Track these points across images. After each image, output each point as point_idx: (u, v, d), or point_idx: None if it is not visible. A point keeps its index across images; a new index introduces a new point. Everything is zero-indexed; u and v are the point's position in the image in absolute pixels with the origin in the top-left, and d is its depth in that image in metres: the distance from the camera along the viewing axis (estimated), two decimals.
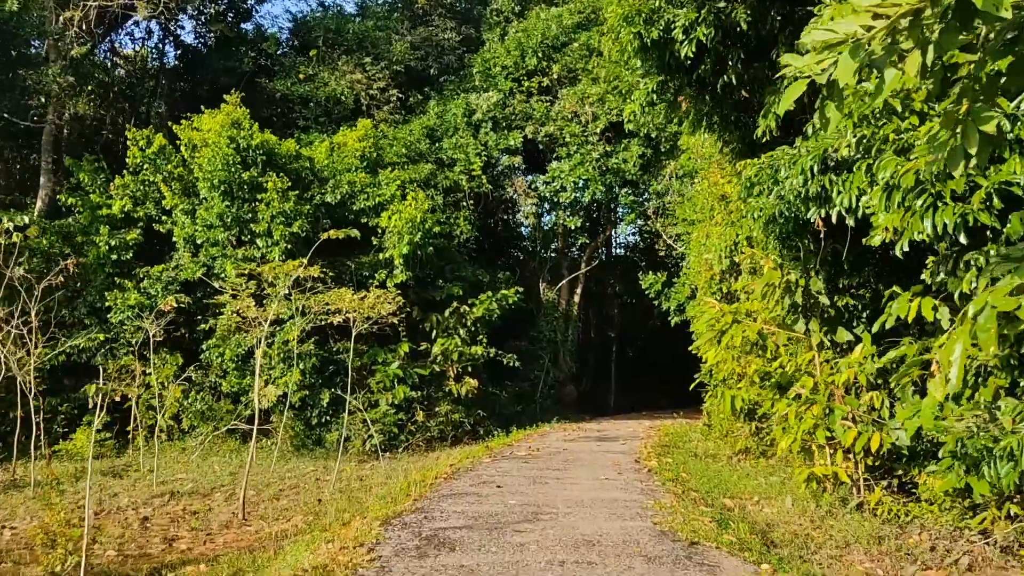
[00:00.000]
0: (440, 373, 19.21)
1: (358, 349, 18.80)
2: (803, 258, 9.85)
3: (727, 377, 15.79)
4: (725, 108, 8.74)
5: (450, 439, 18.93)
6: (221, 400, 18.02)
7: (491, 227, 25.96)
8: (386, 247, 18.25)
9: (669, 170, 24.27)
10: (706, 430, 18.02)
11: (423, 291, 19.90)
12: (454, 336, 19.47)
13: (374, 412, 17.71)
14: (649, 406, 34.05)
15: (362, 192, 18.23)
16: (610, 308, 33.22)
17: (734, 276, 18.94)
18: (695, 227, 21.77)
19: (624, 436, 17.64)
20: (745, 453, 14.59)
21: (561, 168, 23.35)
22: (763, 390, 12.85)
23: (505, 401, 21.51)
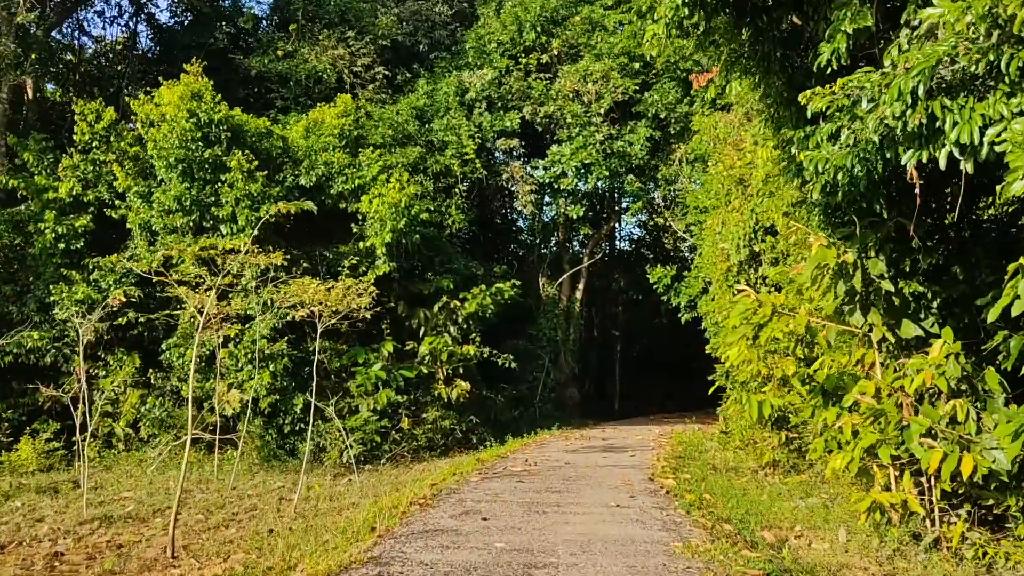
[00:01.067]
0: (428, 375, 17.44)
1: (337, 349, 17.07)
2: (858, 235, 8.07)
3: (750, 379, 14.06)
4: (767, 44, 7.01)
5: (439, 448, 17.17)
6: (182, 406, 16.22)
7: (486, 217, 24.21)
8: (367, 235, 16.48)
9: (679, 154, 22.53)
10: (723, 438, 16.28)
11: (410, 284, 18.13)
12: (444, 334, 17.70)
13: (354, 419, 15.95)
14: (656, 409, 32.33)
15: (340, 174, 16.46)
16: (614, 305, 31.45)
17: (754, 267, 17.23)
18: (709, 215, 20.04)
19: (633, 446, 15.86)
20: (773, 467, 12.82)
21: (562, 152, 21.58)
22: (802, 396, 11.12)
23: (501, 406, 19.75)
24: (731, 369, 17.48)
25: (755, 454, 13.92)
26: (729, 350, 14.87)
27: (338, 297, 10.52)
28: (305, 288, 10.59)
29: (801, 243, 10.54)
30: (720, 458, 14.72)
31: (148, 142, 15.28)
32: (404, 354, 17.76)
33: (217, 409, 15.76)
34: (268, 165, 16.15)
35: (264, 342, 15.55)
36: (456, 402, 17.41)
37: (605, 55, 22.05)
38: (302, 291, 10.55)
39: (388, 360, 17.21)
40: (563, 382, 24.57)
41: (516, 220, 25.83)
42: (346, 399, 16.55)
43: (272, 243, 15.43)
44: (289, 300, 10.96)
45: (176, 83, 15.54)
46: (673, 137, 22.70)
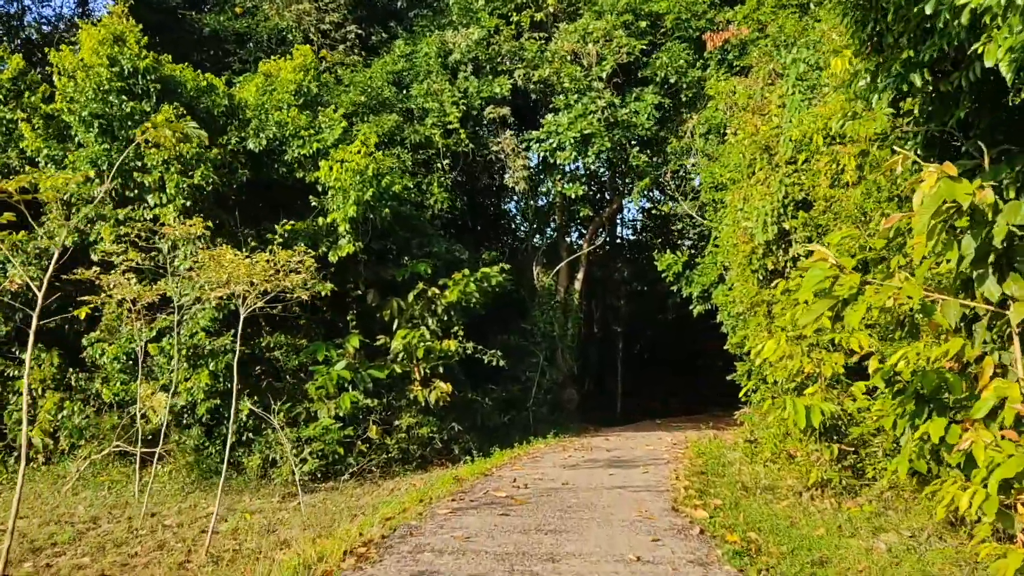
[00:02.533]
0: (402, 375, 15.02)
1: (294, 344, 14.63)
2: (988, 170, 5.66)
3: (788, 379, 11.66)
4: None
5: (415, 461, 14.75)
6: (106, 412, 13.77)
7: (474, 196, 21.73)
8: (329, 209, 14.01)
9: (691, 125, 20.10)
10: (748, 448, 13.86)
11: (381, 269, 15.69)
12: (420, 327, 15.24)
13: (312, 427, 13.50)
14: (662, 411, 29.91)
15: (296, 137, 14.01)
16: (616, 298, 29.01)
17: (783, 247, 14.85)
18: (728, 191, 17.64)
19: (643, 458, 13.43)
20: (821, 488, 10.38)
21: (558, 121, 19.13)
22: (882, 402, 8.78)
23: (489, 410, 17.32)
24: (760, 367, 15.16)
25: (795, 470, 11.52)
26: (757, 343, 12.44)
27: (264, 273, 8.03)
28: (219, 259, 8.10)
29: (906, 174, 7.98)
30: (749, 474, 12.33)
31: (59, 95, 12.79)
32: (374, 351, 15.35)
33: (149, 416, 13.33)
34: (209, 125, 13.67)
35: (203, 335, 13.08)
36: (435, 406, 14.99)
37: (607, 11, 19.60)
38: (215, 264, 8.07)
39: (355, 357, 14.78)
40: (560, 382, 22.13)
41: (507, 200, 23.33)
42: (304, 403, 14.11)
43: (215, 218, 13.00)
44: (210, 278, 8.46)
45: (97, 26, 13.07)
46: (684, 106, 20.27)
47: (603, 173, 22.17)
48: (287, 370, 14.61)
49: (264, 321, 14.92)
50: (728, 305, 18.54)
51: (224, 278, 7.97)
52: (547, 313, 21.41)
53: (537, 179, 20.85)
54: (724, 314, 19.13)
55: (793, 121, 14.29)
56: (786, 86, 16.15)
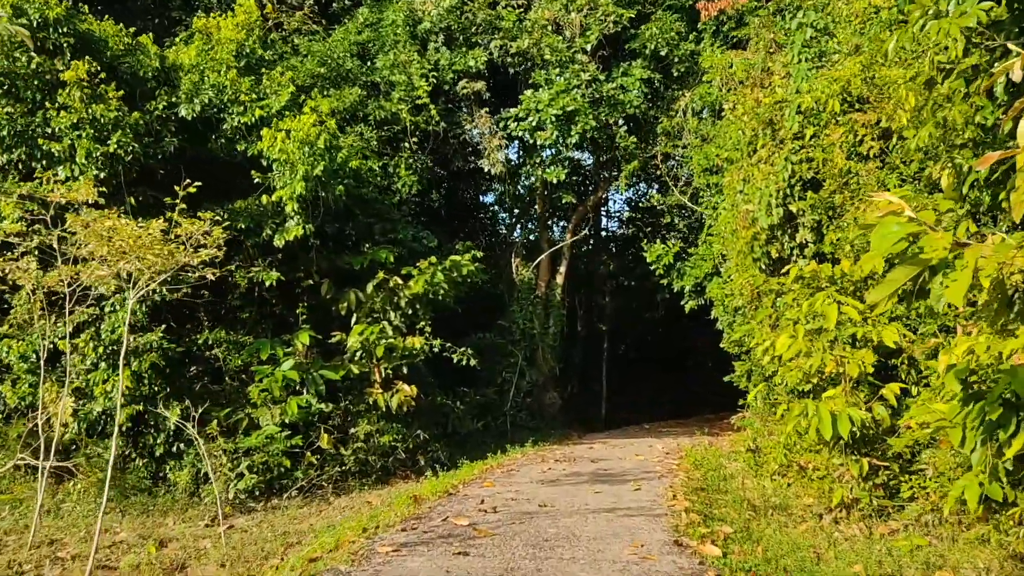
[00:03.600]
0: (361, 376, 13.36)
1: (236, 341, 12.92)
2: None
3: (804, 380, 10.13)
4: None
5: (375, 474, 13.10)
6: (13, 419, 12.02)
7: (447, 182, 20.06)
8: (274, 186, 12.33)
9: (684, 103, 18.56)
10: (751, 458, 12.33)
11: (338, 257, 14.00)
12: (381, 321, 13.58)
13: (255, 436, 11.81)
14: (650, 415, 28.37)
15: (236, 102, 12.33)
16: (601, 295, 27.42)
17: (788, 232, 13.36)
18: (725, 172, 16.14)
19: (633, 471, 11.85)
20: (846, 510, 8.81)
21: (538, 98, 17.52)
22: (918, 408, 7.34)
23: (460, 416, 15.70)
24: (766, 366, 13.63)
25: (812, 487, 9.98)
26: (772, 339, 11.06)
27: (152, 245, 6.34)
28: (98, 231, 6.40)
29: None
30: (755, 490, 10.79)
31: None
32: (330, 349, 13.69)
33: (55, 423, 11.59)
34: (134, 88, 11.97)
35: (123, 330, 11.33)
36: (398, 411, 13.34)
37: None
38: (94, 235, 6.37)
39: (307, 356, 13.11)
40: (541, 384, 20.53)
41: (484, 187, 21.62)
42: (247, 409, 12.41)
43: (138, 195, 11.29)
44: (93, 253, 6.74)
45: None
46: (676, 82, 18.75)
47: (587, 157, 20.56)
48: (228, 371, 12.91)
49: (204, 314, 13.23)
50: (725, 299, 17.05)
51: (104, 252, 6.27)
52: (526, 309, 19.81)
53: (515, 162, 19.23)
54: (719, 309, 17.65)
55: (802, 89, 12.77)
56: (791, 54, 14.64)
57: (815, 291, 10.53)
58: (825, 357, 8.89)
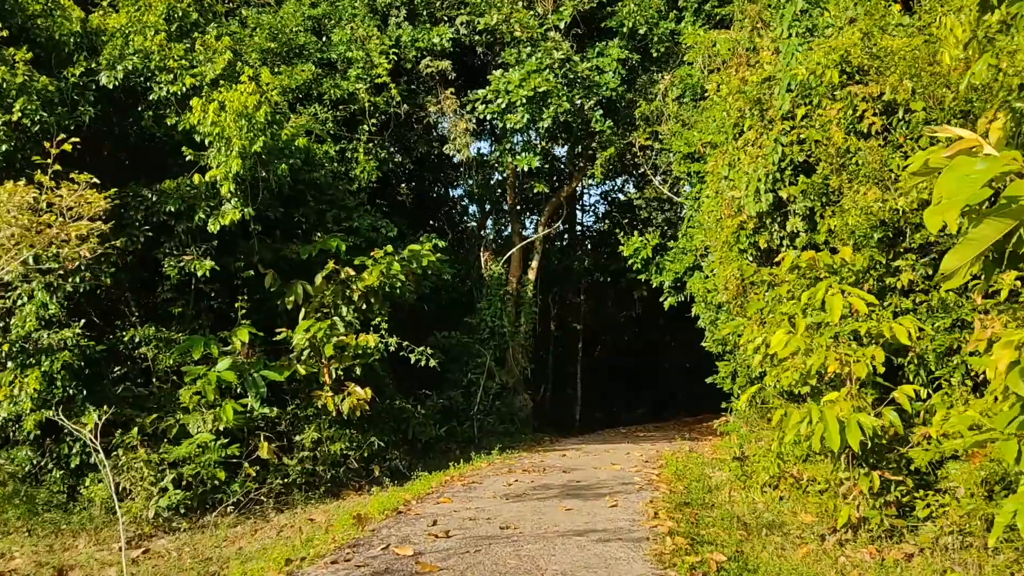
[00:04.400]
0: (308, 378, 12.11)
1: (167, 338, 11.65)
2: None
3: (800, 381, 9.09)
4: None
5: (325, 485, 11.87)
6: None
7: (412, 171, 18.84)
8: (209, 164, 11.06)
9: (664, 86, 17.50)
10: (738, 468, 11.28)
11: (283, 245, 12.76)
12: (332, 317, 12.36)
13: (185, 446, 10.55)
14: (626, 418, 27.39)
15: (165, 70, 11.02)
16: (576, 292, 26.30)
17: (778, 221, 12.38)
18: (709, 157, 15.15)
19: (610, 482, 10.73)
20: (853, 530, 7.74)
21: (508, 78, 16.36)
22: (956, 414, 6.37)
23: (421, 421, 14.45)
24: (755, 366, 12.56)
25: (811, 503, 8.94)
26: (763, 335, 9.97)
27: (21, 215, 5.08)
28: None
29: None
30: (745, 504, 9.77)
31: None
32: (276, 347, 12.44)
33: None
34: (50, 53, 10.65)
35: (33, 324, 10.04)
36: (351, 416, 12.13)
37: None
38: None
39: (250, 355, 11.85)
40: (511, 386, 19.37)
41: (450, 175, 20.37)
42: (178, 414, 11.12)
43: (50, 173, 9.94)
44: None
45: None
46: (655, 63, 17.71)
47: (560, 144, 19.40)
48: (158, 372, 11.61)
49: (132, 308, 11.94)
50: (707, 295, 16.03)
51: None
52: (495, 306, 18.65)
53: (484, 149, 18.09)
54: (700, 306, 16.64)
55: (795, 62, 11.75)
56: (780, 28, 13.65)
57: (813, 281, 9.49)
58: (828, 355, 7.81)
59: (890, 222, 9.42)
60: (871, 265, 9.63)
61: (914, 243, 9.30)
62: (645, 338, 30.93)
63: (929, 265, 9.31)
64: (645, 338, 30.93)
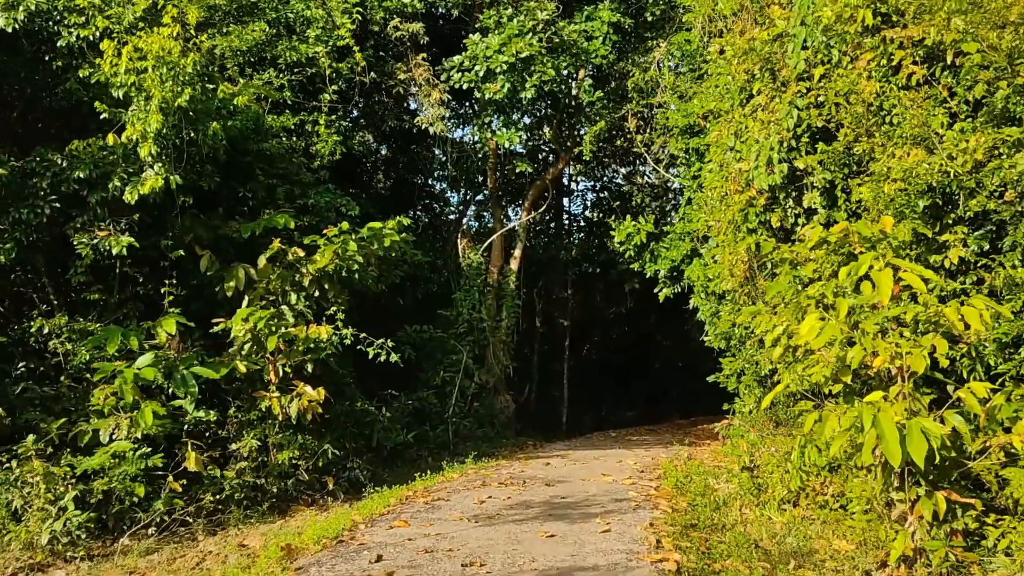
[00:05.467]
0: (251, 376, 10.51)
1: (84, 330, 10.04)
2: None
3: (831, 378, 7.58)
4: None
5: (268, 501, 10.27)
6: None
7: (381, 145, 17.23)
8: (126, 121, 9.43)
9: (659, 54, 15.98)
10: (748, 480, 9.77)
11: (223, 223, 11.14)
12: (280, 305, 10.76)
13: (99, 455, 8.94)
14: (617, 420, 25.87)
15: (74, 11, 9.38)
16: (563, 286, 24.72)
17: (793, 196, 10.94)
18: (712, 127, 13.72)
19: (601, 498, 9.19)
20: (908, 564, 6.21)
21: (487, 43, 14.79)
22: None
23: (388, 425, 12.87)
24: (756, 363, 11.20)
25: (841, 525, 7.44)
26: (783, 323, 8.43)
27: None
28: None
29: None
30: (760, 524, 8.30)
31: None
32: (211, 340, 10.85)
33: None
34: None
35: None
36: (301, 420, 10.52)
37: None
38: None
39: (177, 348, 10.24)
40: (492, 386, 17.81)
41: (425, 154, 18.71)
42: (93, 419, 9.49)
43: None
44: None
45: None
46: (649, 28, 16.22)
47: (546, 119, 17.83)
48: (71, 368, 9.97)
49: (44, 294, 10.31)
50: (708, 284, 14.53)
51: None
52: (473, 297, 17.07)
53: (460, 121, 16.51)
54: (699, 297, 15.16)
55: (816, 4, 10.23)
56: None
57: (846, 259, 7.98)
58: (876, 345, 6.28)
59: (938, 187, 7.92)
60: (913, 240, 8.16)
61: (968, 212, 7.80)
62: (636, 335, 29.42)
63: (985, 238, 7.82)
64: (636, 335, 29.42)
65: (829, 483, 8.81)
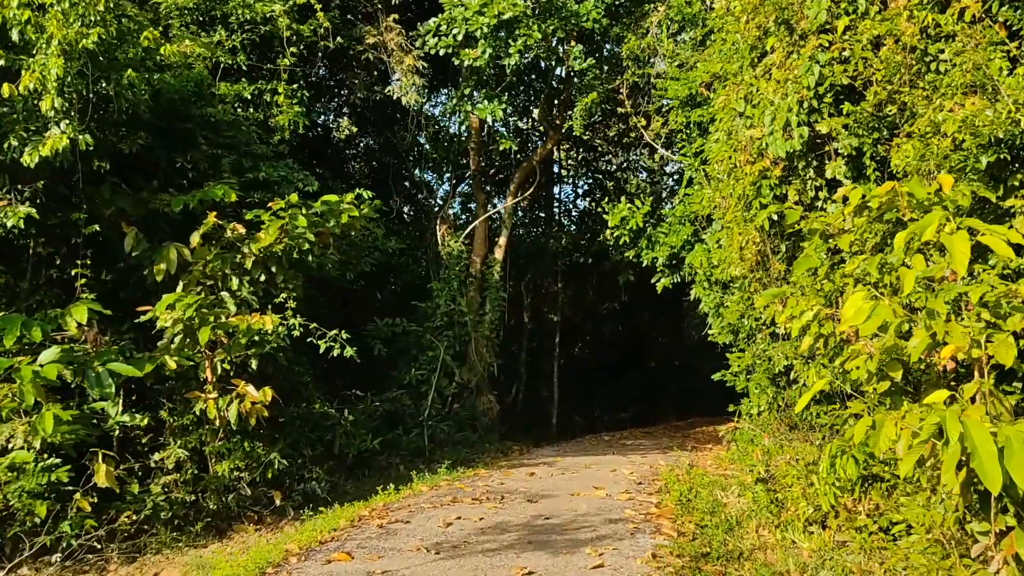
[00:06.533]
0: (186, 374, 9.06)
1: None
2: None
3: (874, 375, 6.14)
4: None
5: (202, 520, 8.82)
6: None
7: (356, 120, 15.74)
8: (22, 67, 7.96)
9: (658, 18, 14.56)
10: (763, 494, 8.36)
11: (153, 196, 9.66)
12: (220, 291, 9.31)
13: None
14: (609, 422, 24.47)
15: None
16: (553, 279, 23.28)
17: (813, 165, 9.57)
18: (718, 93, 12.33)
19: (593, 518, 7.74)
20: None
21: (466, 4, 13.33)
22: None
23: (349, 430, 11.40)
24: (769, 358, 9.89)
25: (897, 556, 6.03)
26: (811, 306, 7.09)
27: None
28: None
29: None
30: (784, 551, 6.88)
31: None
32: (144, 333, 9.37)
33: None
34: None
35: None
36: (243, 425, 9.07)
37: None
38: None
39: (94, 341, 8.77)
40: (474, 386, 16.37)
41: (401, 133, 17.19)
42: None
43: None
44: None
45: None
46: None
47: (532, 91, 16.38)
48: None
49: None
50: (711, 271, 13.17)
51: None
52: (451, 287, 15.62)
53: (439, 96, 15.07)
54: (701, 287, 13.79)
55: None
56: None
57: (894, 227, 6.61)
58: (950, 331, 4.86)
59: (1007, 140, 6.52)
60: (975, 206, 6.77)
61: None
62: (630, 331, 28.01)
63: None
64: (630, 331, 28.01)
65: (868, 500, 7.43)
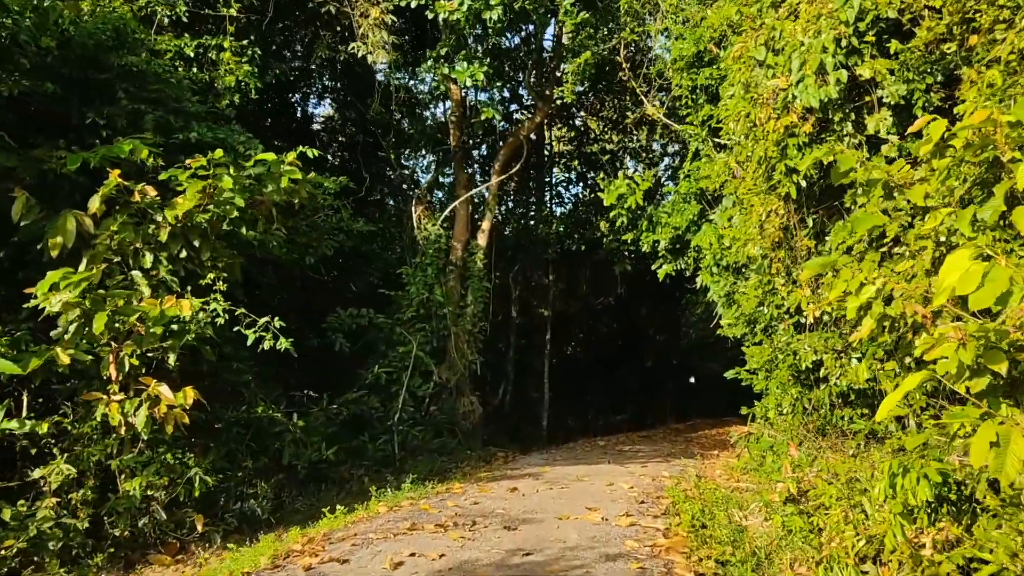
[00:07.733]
0: (87, 372, 7.41)
1: None
2: None
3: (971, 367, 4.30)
4: None
5: (104, 552, 7.21)
6: None
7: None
8: None
9: None
10: (796, 517, 6.71)
11: (49, 155, 8.00)
12: (128, 269, 7.65)
13: None
14: (605, 425, 22.93)
15: None
16: (544, 270, 21.61)
17: (851, 116, 7.97)
18: (731, 43, 10.83)
19: (584, 553, 6.07)
20: None
21: None
22: None
23: (302, 439, 9.73)
24: (794, 353, 8.17)
25: None
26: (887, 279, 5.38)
27: None
28: None
29: None
30: None
31: None
32: (49, 321, 7.71)
33: None
34: None
35: None
36: (158, 434, 7.41)
37: None
38: None
39: None
40: (453, 386, 14.70)
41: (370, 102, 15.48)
42: None
43: None
44: None
45: None
46: None
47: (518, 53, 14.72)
48: None
49: None
50: (722, 253, 11.61)
51: None
52: (427, 275, 13.95)
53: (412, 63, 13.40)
54: (707, 273, 12.23)
55: None
56: None
57: (987, 169, 5.01)
58: None
59: None
60: None
61: None
62: (627, 327, 26.41)
63: None
64: (627, 327, 26.41)
65: (936, 530, 5.83)
